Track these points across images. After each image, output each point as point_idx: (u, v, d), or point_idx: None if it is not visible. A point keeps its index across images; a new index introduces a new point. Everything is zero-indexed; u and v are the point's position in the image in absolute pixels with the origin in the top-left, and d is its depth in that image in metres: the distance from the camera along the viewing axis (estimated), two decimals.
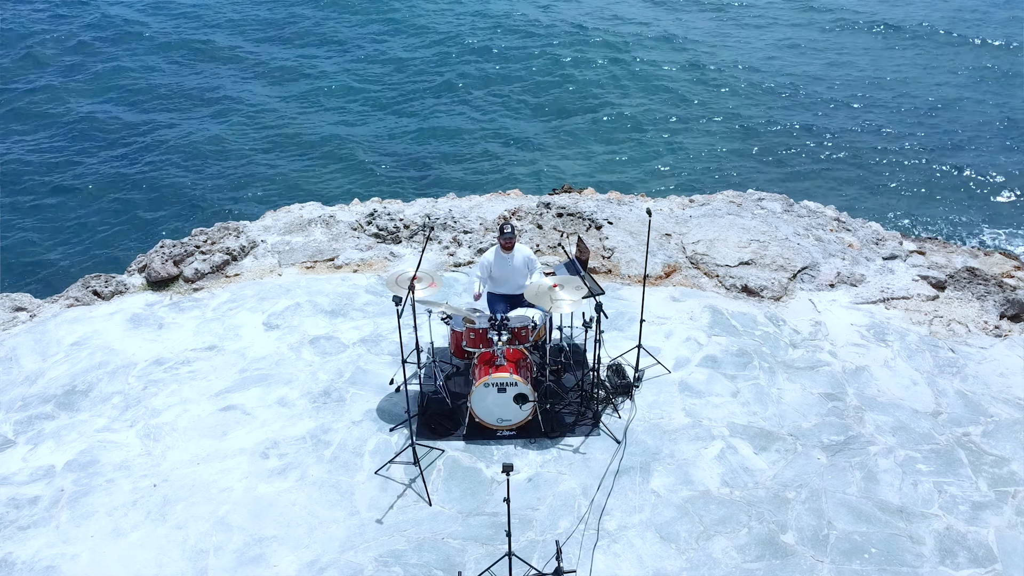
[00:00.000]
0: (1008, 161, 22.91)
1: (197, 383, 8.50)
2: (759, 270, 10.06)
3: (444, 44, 30.66)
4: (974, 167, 22.52)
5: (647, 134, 24.11)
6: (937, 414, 8.01)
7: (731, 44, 31.75)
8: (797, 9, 35.39)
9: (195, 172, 20.99)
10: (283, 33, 31.27)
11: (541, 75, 28.37)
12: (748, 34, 33.05)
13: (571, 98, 26.45)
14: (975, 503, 7.02)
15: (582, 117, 24.93)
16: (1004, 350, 8.98)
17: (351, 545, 6.66)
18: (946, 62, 30.02)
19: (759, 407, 8.07)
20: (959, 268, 11.12)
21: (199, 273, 10.25)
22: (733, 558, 6.53)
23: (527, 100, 26.26)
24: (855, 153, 23.43)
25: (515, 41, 31.35)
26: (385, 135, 23.45)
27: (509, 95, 26.62)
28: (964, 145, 23.91)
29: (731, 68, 29.47)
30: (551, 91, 27.02)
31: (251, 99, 25.43)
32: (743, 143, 23.81)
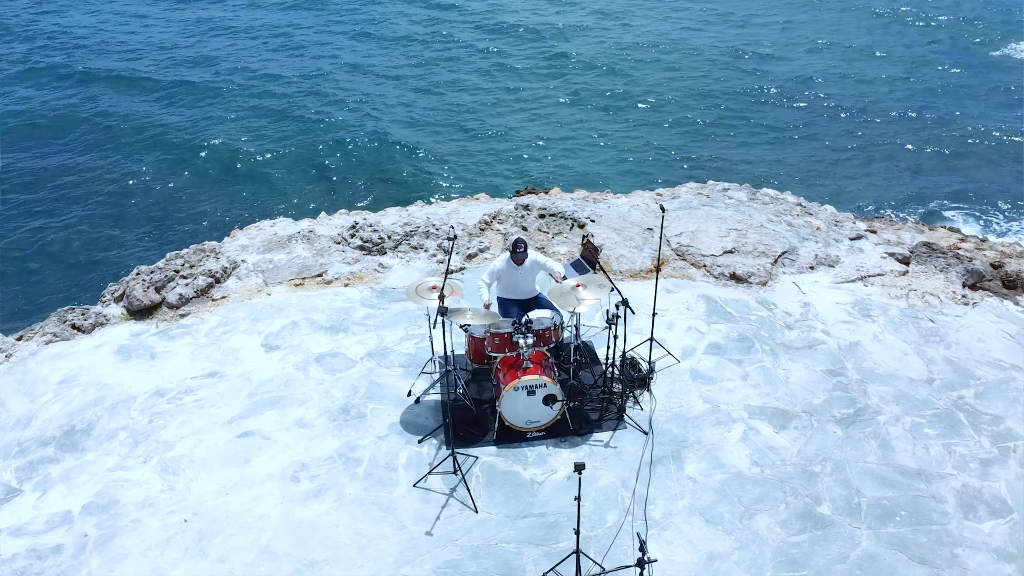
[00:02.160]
0: (923, 140, 24.42)
1: (206, 411, 8.21)
2: (743, 257, 10.46)
3: (387, 51, 30.37)
4: (896, 149, 23.91)
5: (593, 132, 24.55)
6: (931, 381, 8.55)
7: (669, 39, 32.64)
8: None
9: (147, 196, 20.18)
10: (213, 51, 30.35)
11: (484, 79, 28.48)
12: (683, 32, 34.03)
13: (513, 101, 26.65)
14: (982, 460, 7.53)
15: (528, 119, 25.16)
16: (977, 317, 9.64)
17: (406, 560, 6.60)
18: (868, 53, 31.72)
19: (770, 388, 8.41)
20: (916, 244, 11.87)
21: (183, 298, 9.89)
22: (778, 533, 6.80)
23: (474, 105, 26.32)
24: (781, 139, 24.50)
25: (456, 46, 31.34)
26: (332, 148, 23.07)
27: (456, 101, 26.62)
28: (887, 128, 25.35)
29: (666, 65, 30.30)
30: (495, 95, 27.16)
31: (191, 120, 24.62)
32: (685, 137, 24.58)
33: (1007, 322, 9.57)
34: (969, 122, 25.63)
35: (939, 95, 27.79)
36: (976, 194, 21.83)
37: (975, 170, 23.02)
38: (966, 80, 29.06)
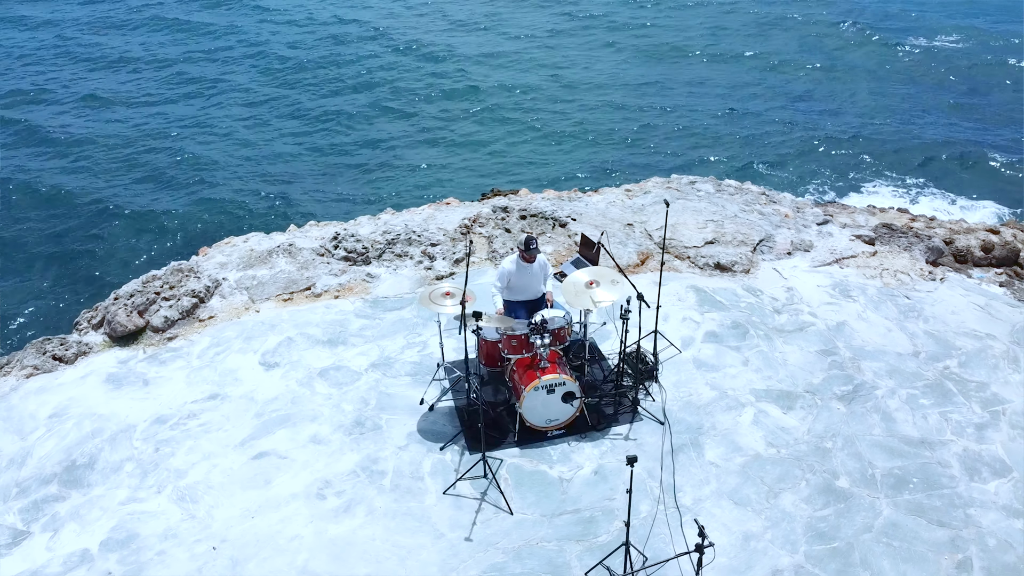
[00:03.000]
0: (852, 125, 25.54)
1: (215, 435, 7.97)
2: (724, 247, 10.78)
3: (332, 65, 29.87)
4: (833, 134, 24.94)
5: (539, 133, 24.76)
6: (917, 354, 9.01)
7: (601, 38, 33.10)
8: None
9: (101, 220, 19.33)
10: (155, 69, 29.29)
11: (430, 88, 28.35)
12: (611, 33, 34.57)
13: (459, 108, 26.65)
14: (977, 424, 8.00)
15: (475, 124, 25.19)
16: (947, 291, 10.21)
17: (450, 568, 6.58)
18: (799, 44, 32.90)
19: (771, 371, 8.71)
20: (876, 225, 12.47)
21: (169, 321, 9.55)
22: (804, 510, 7.07)
23: (419, 112, 26.21)
24: (721, 130, 25.25)
25: (397, 55, 31.10)
26: (282, 160, 22.59)
27: (405, 110, 26.44)
28: (823, 115, 26.39)
29: (602, 62, 30.74)
30: (441, 103, 27.11)
31: (137, 139, 23.75)
32: (633, 133, 25.01)
33: (975, 294, 10.17)
34: (871, 106, 26.99)
35: (840, 83, 29.13)
36: (888, 170, 22.97)
37: (879, 150, 24.20)
38: (871, 68, 30.55)
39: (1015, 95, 28.04)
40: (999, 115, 26.43)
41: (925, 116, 26.38)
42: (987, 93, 28.29)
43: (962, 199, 21.39)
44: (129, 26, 33.77)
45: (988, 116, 26.38)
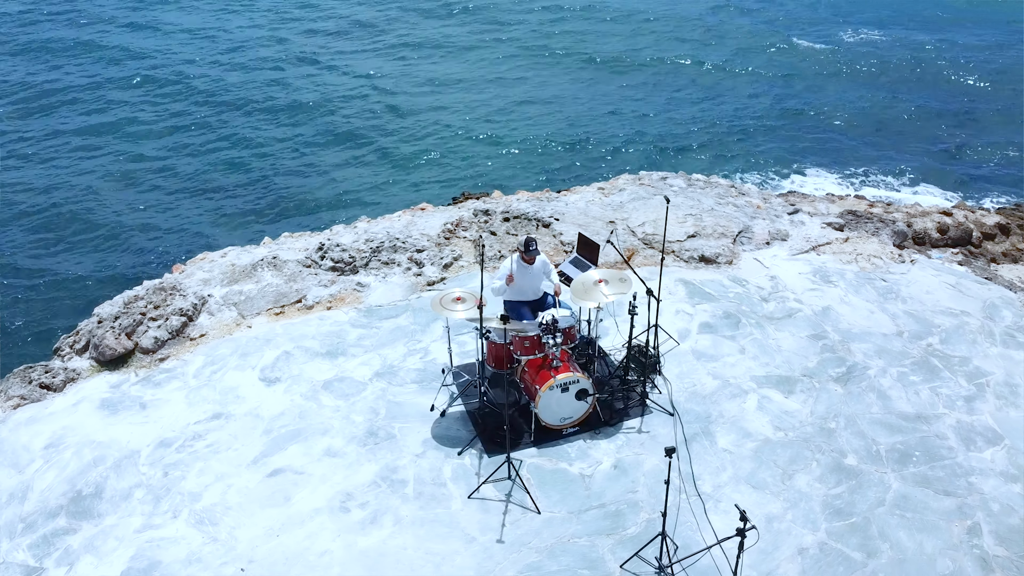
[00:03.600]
0: (784, 119, 26.39)
1: (225, 455, 7.80)
2: (706, 240, 11.06)
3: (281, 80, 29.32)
4: (769, 128, 25.70)
5: (491, 135, 24.80)
6: (900, 333, 9.42)
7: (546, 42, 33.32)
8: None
9: (56, 238, 18.55)
10: (107, 76, 28.22)
11: (381, 96, 28.09)
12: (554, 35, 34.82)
13: (409, 112, 26.50)
14: (965, 397, 8.42)
15: (426, 129, 25.10)
16: (919, 273, 10.70)
17: (486, 571, 6.60)
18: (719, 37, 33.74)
19: (767, 358, 8.99)
20: (842, 212, 12.96)
21: (159, 341, 9.29)
22: (818, 488, 7.33)
23: (381, 119, 25.97)
24: (656, 131, 25.76)
25: (345, 60, 30.70)
26: (239, 173, 22.10)
27: (357, 118, 26.15)
28: (755, 111, 27.16)
29: (544, 63, 30.97)
30: (398, 108, 26.89)
31: (91, 155, 22.88)
32: (571, 138, 25.27)
33: (945, 274, 10.68)
34: (802, 102, 27.99)
35: (765, 82, 30.11)
36: (828, 161, 23.87)
37: (817, 143, 25.11)
38: (798, 67, 31.65)
39: (936, 86, 29.43)
40: (927, 104, 27.68)
41: (855, 108, 27.43)
42: (911, 85, 29.60)
43: (904, 185, 22.33)
44: (57, 48, 32.52)
45: (915, 106, 27.59)
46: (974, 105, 27.49)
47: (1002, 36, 34.22)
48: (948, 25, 35.72)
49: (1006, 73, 30.26)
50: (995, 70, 30.53)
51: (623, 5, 37.89)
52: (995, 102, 27.73)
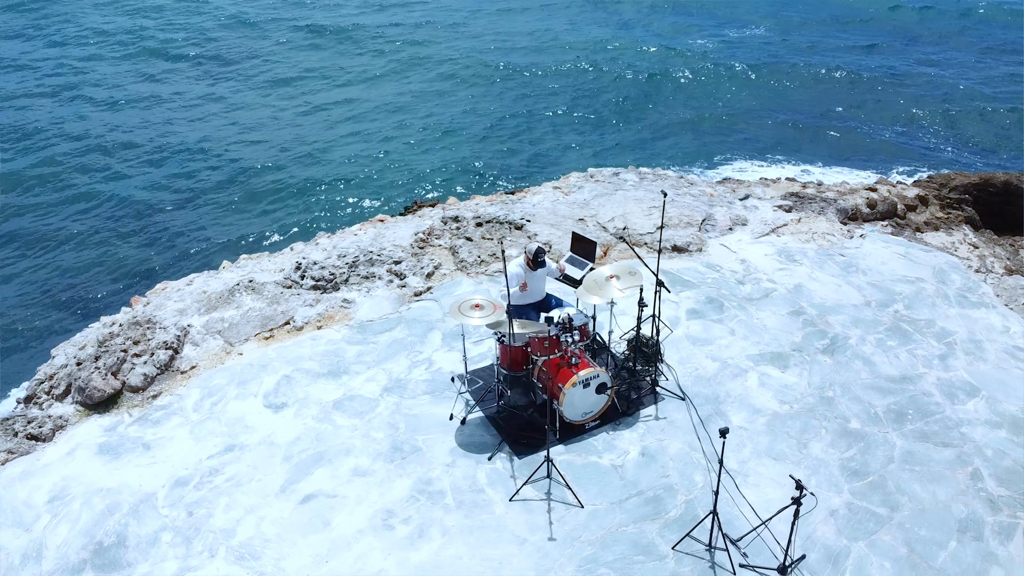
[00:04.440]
0: (691, 109, 27.51)
1: (249, 487, 7.57)
2: (675, 230, 11.50)
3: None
4: (680, 119, 26.72)
5: (417, 142, 24.69)
6: (868, 303, 10.12)
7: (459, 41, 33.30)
8: None
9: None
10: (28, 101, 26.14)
11: (306, 112, 27.39)
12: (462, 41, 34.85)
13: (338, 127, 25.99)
14: (939, 355, 9.16)
15: (360, 143, 24.73)
16: (870, 246, 11.50)
17: (546, 569, 6.71)
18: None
19: (756, 337, 9.48)
20: (785, 194, 13.73)
21: (148, 378, 8.87)
22: (832, 453, 7.83)
23: (293, 137, 25.34)
24: (576, 128, 26.38)
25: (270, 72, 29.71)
26: (171, 199, 21.09)
27: (283, 134, 25.39)
28: (667, 103, 28.14)
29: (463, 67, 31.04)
30: (324, 123, 26.31)
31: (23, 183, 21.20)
32: (518, 136, 25.50)
33: (893, 245, 11.53)
34: (708, 93, 29.37)
35: (674, 67, 31.43)
36: (750, 143, 25.15)
37: (728, 130, 26.41)
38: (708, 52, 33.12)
39: (818, 80, 31.40)
40: (825, 91, 29.47)
41: (757, 96, 28.92)
42: (796, 80, 31.44)
43: (816, 166, 23.73)
44: None
45: (812, 92, 29.34)
46: (858, 91, 29.48)
47: (869, 33, 36.80)
48: (823, 24, 38.09)
49: (883, 64, 32.62)
50: (870, 65, 32.83)
51: (521, 26, 38.45)
52: (875, 89, 29.84)
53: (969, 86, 29.29)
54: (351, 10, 37.85)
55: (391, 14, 37.52)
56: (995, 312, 9.99)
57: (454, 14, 37.55)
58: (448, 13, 37.76)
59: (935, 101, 27.86)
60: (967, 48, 33.79)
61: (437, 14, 37.85)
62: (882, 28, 36.22)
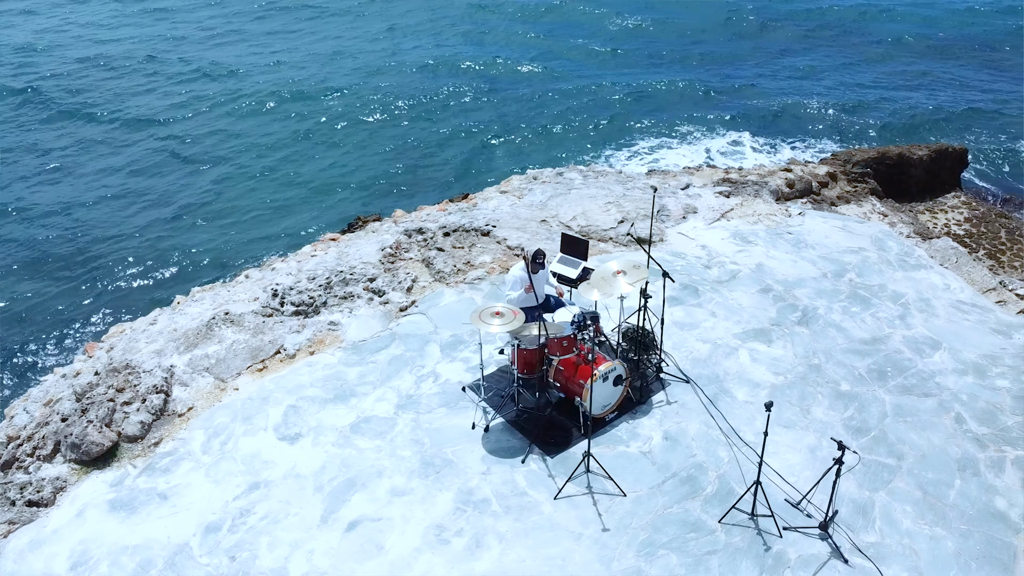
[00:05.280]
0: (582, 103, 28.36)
1: (287, 523, 7.36)
2: (636, 224, 11.97)
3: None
4: (575, 112, 27.49)
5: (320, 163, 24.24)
6: (824, 275, 10.95)
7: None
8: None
9: None
10: None
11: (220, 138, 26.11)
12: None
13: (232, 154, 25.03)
14: (898, 315, 10.06)
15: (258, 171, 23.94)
16: (811, 223, 12.40)
17: (608, 558, 6.94)
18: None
19: (736, 317, 10.06)
20: (718, 180, 14.54)
21: (145, 426, 8.42)
22: (834, 416, 8.47)
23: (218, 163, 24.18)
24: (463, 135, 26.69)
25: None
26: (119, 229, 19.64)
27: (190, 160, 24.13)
28: (560, 95, 28.84)
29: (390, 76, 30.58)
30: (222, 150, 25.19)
31: None
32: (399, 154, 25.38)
33: (831, 219, 12.49)
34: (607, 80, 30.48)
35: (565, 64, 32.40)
36: (638, 134, 26.26)
37: (621, 119, 27.48)
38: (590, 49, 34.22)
39: (702, 63, 33.15)
40: (702, 79, 31.08)
41: (634, 88, 30.16)
42: (678, 65, 33.05)
43: (721, 152, 25.03)
44: None
45: (695, 80, 30.89)
46: (750, 73, 31.31)
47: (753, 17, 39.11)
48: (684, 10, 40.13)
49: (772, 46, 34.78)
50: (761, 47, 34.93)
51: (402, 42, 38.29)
52: (768, 70, 31.80)
53: (854, 70, 31.73)
54: (242, 37, 36.49)
55: (282, 41, 36.49)
56: (934, 272, 11.06)
57: (333, 42, 36.95)
58: (329, 42, 37.13)
59: (820, 86, 29.97)
60: (845, 36, 36.47)
61: (316, 45, 37.13)
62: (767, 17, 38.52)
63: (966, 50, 33.72)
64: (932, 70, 31.38)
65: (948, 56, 33.00)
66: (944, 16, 38.32)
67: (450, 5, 41.09)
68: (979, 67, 31.70)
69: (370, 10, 40.50)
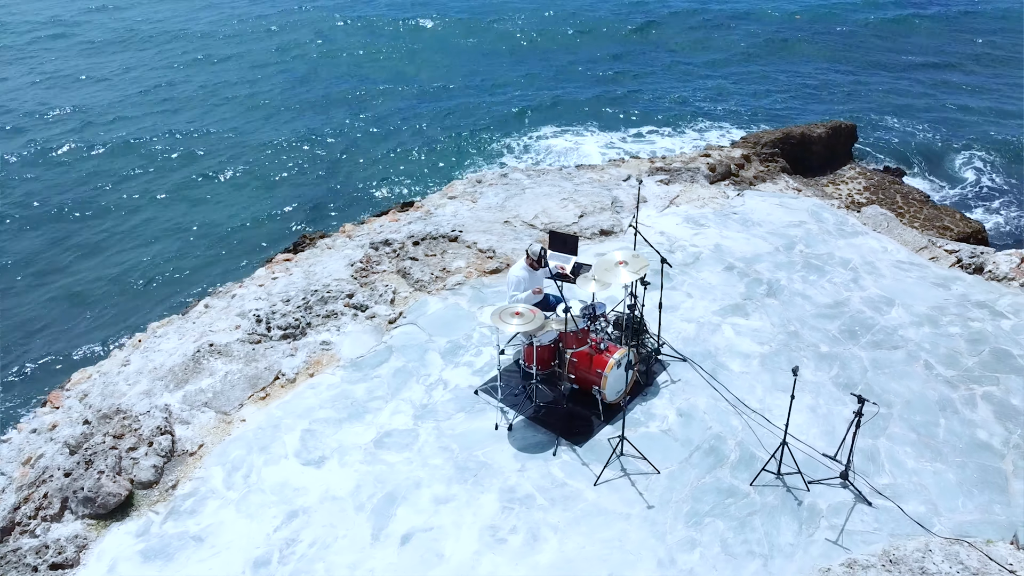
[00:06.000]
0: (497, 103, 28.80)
1: (338, 546, 7.28)
2: (595, 217, 12.42)
3: None
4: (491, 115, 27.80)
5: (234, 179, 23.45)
6: (777, 250, 11.77)
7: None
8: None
9: None
10: None
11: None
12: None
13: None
14: (851, 279, 10.97)
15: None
16: (751, 202, 13.25)
17: (662, 532, 7.30)
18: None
19: (711, 295, 10.68)
20: (647, 170, 15.24)
21: (158, 470, 8.04)
22: (821, 375, 9.20)
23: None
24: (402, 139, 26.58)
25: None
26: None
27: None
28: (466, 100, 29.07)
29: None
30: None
31: None
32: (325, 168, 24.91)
33: (768, 197, 13.39)
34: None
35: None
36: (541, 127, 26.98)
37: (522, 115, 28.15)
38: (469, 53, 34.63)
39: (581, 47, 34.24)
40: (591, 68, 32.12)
41: (528, 81, 30.88)
42: (555, 53, 34.02)
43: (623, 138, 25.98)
44: None
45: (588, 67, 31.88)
46: (626, 62, 32.58)
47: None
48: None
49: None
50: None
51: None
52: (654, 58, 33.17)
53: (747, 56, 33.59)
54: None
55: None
56: (870, 237, 12.13)
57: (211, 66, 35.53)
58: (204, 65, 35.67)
59: (704, 78, 31.59)
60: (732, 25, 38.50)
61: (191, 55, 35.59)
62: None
63: (823, 38, 36.51)
64: (796, 58, 33.80)
65: (811, 46, 35.60)
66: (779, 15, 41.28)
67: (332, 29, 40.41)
68: (830, 54, 34.40)
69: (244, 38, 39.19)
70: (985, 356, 9.45)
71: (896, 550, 6.96)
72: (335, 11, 40.69)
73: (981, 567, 6.64)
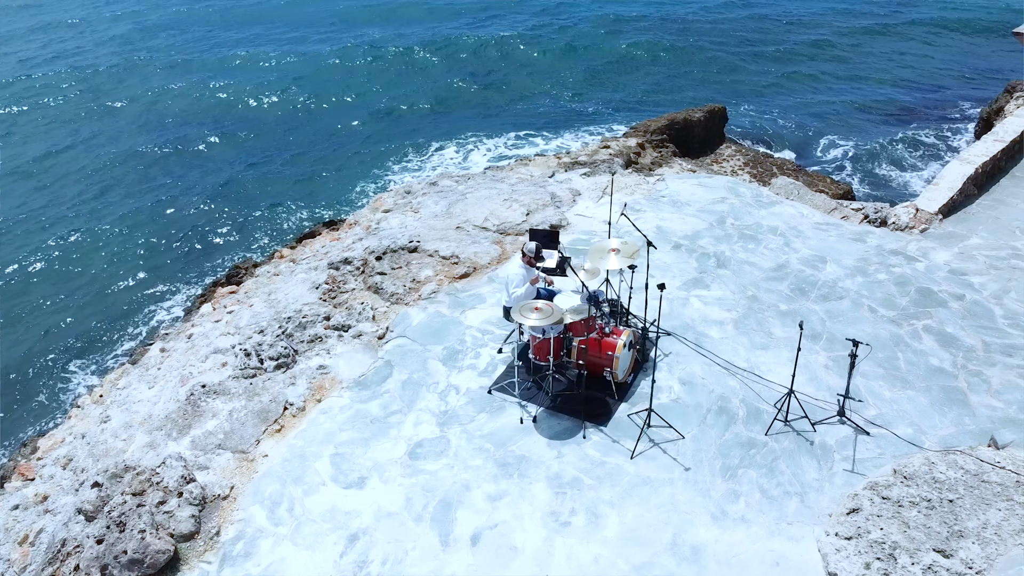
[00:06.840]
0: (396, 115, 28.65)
1: (410, 559, 7.37)
2: (541, 214, 12.92)
3: None
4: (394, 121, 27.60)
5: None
6: (711, 225, 12.79)
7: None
8: None
9: None
10: None
11: None
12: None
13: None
14: (783, 244, 12.16)
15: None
16: (673, 184, 14.26)
17: (706, 490, 7.94)
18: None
19: (669, 273, 11.48)
20: (567, 164, 15.97)
21: (196, 519, 7.72)
22: (790, 331, 10.20)
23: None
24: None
25: None
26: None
27: None
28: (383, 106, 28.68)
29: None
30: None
31: None
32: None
33: (687, 179, 14.46)
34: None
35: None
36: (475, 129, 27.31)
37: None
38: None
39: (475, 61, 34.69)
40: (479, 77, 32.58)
41: (428, 96, 31.01)
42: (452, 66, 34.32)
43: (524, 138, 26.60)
44: None
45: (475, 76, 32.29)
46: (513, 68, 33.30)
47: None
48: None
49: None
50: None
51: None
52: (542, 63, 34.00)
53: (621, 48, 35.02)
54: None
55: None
56: (786, 204, 13.45)
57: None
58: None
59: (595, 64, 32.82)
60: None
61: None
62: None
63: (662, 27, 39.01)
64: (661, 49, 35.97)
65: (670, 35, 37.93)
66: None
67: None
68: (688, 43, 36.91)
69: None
70: (914, 295, 10.87)
71: (904, 468, 8.00)
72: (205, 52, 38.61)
73: (979, 469, 7.79)
